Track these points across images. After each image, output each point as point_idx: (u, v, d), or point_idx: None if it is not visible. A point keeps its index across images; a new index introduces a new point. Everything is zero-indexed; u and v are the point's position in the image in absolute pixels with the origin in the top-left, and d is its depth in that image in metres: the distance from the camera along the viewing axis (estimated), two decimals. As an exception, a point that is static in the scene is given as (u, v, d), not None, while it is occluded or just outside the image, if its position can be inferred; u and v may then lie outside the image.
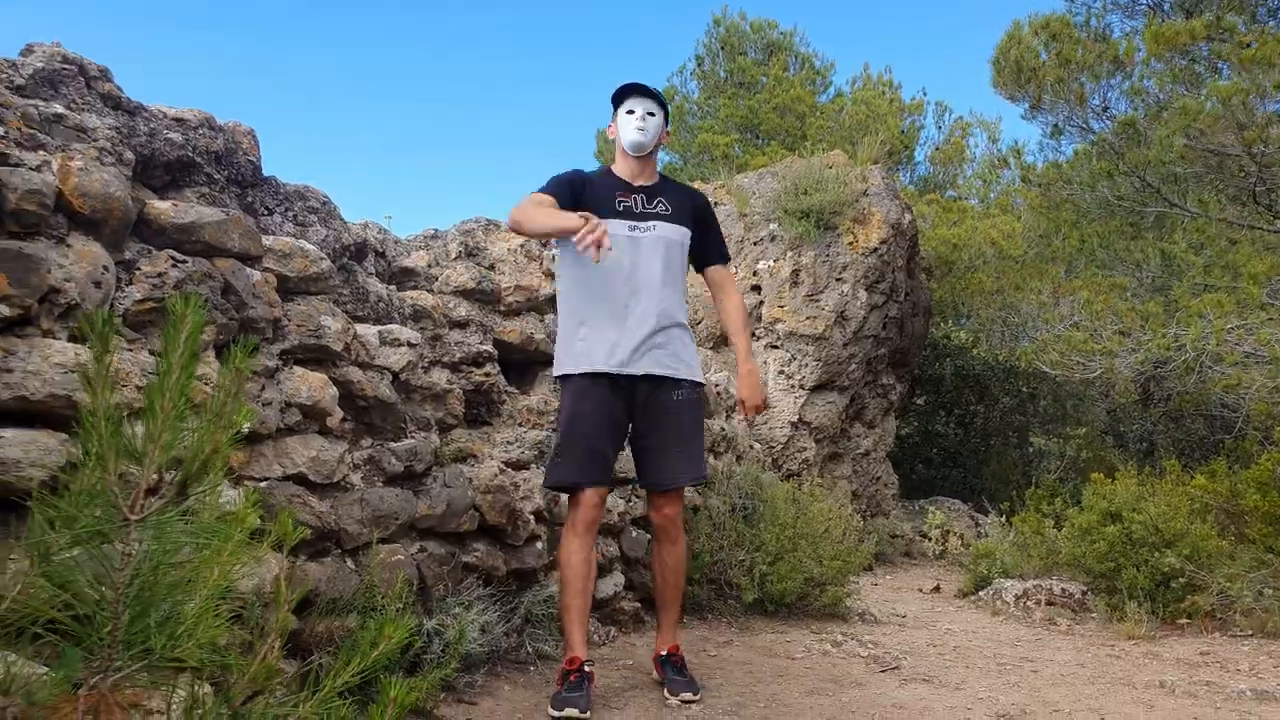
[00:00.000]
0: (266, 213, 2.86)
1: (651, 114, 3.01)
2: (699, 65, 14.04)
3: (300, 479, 2.48)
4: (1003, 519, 6.59)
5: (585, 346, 2.90)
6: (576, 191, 2.94)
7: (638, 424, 2.96)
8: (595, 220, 2.64)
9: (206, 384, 2.06)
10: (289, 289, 2.65)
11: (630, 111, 3.01)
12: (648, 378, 2.90)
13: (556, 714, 2.62)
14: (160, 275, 2.10)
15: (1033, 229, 10.68)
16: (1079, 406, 10.01)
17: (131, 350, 2.02)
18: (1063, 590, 4.95)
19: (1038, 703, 3.10)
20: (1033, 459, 9.55)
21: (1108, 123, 7.73)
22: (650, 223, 2.96)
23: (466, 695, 2.75)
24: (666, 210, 3.02)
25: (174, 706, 1.36)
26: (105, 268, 1.98)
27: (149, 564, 1.28)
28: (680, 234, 3.03)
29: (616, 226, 2.88)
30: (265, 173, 2.86)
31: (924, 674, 3.46)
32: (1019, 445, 9.72)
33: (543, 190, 2.94)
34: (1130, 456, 9.05)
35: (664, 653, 3.05)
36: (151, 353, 2.04)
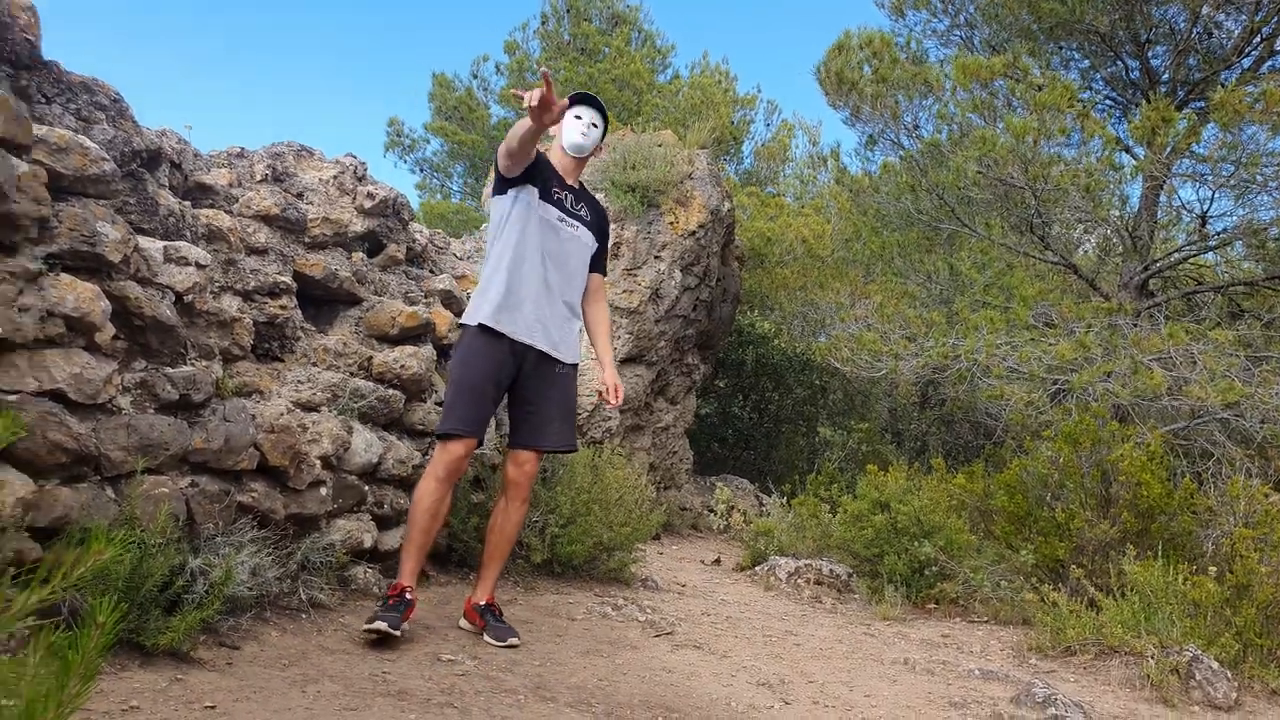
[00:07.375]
0: (44, 101, 2.55)
1: (595, 125, 3.28)
2: (543, 24, 13.80)
3: (59, 396, 2.25)
4: (784, 500, 6.96)
5: (498, 304, 3.08)
6: (538, 159, 3.21)
7: (524, 391, 3.22)
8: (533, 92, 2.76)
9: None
10: (63, 188, 2.38)
11: (578, 116, 3.26)
12: (540, 352, 3.18)
13: (367, 627, 2.80)
14: (-101, 148, 1.83)
15: (840, 232, 11.33)
16: (865, 403, 10.75)
17: None
18: (831, 571, 5.31)
19: (796, 673, 3.32)
20: (818, 448, 10.12)
21: (916, 141, 8.27)
22: (576, 223, 3.30)
23: (229, 639, 2.60)
24: (587, 218, 3.36)
25: None
26: None
27: None
28: (593, 242, 3.39)
29: (551, 211, 3.21)
30: (47, 56, 2.55)
31: (696, 641, 3.63)
32: (807, 434, 10.29)
33: None
34: (904, 453, 9.82)
35: (483, 603, 3.23)
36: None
